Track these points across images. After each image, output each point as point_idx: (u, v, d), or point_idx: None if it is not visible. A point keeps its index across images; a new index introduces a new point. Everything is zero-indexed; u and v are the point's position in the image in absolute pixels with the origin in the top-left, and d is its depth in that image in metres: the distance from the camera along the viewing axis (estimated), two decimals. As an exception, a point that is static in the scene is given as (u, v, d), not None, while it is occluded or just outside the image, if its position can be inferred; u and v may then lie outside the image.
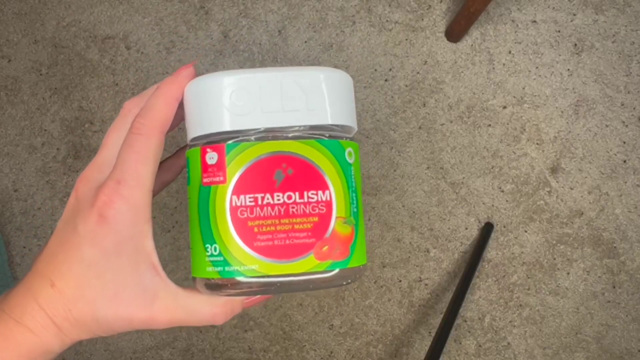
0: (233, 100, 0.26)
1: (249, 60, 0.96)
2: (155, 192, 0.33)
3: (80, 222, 0.27)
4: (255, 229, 0.26)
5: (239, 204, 0.26)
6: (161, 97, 0.28)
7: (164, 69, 0.96)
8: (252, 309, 0.97)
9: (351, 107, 0.29)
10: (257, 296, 0.29)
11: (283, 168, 0.26)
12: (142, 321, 0.27)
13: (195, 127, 0.27)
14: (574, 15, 0.95)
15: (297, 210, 0.26)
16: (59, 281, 0.26)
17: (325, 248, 0.26)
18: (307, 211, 0.26)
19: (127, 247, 0.26)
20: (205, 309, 0.28)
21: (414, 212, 0.96)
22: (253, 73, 0.26)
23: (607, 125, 0.95)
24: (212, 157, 0.26)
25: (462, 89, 0.96)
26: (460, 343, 0.97)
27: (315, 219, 0.26)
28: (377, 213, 0.96)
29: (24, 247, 0.96)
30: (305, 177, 0.26)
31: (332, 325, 0.97)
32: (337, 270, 0.27)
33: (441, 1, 0.96)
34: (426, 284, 0.97)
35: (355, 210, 0.28)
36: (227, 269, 0.26)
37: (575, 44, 0.95)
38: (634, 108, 0.95)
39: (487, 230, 0.95)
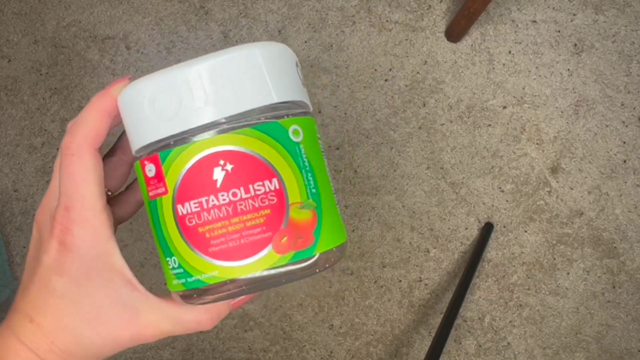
0: (154, 106, 0.25)
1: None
2: (125, 217, 0.32)
3: (44, 254, 0.26)
4: (207, 234, 0.24)
5: (184, 212, 0.24)
6: (90, 111, 0.26)
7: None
8: (252, 309, 0.97)
9: (290, 80, 0.26)
10: (239, 298, 0.28)
11: (221, 165, 0.24)
12: (129, 339, 0.27)
13: (131, 141, 0.26)
14: (574, 15, 0.95)
15: (245, 206, 0.24)
16: (37, 316, 0.26)
17: (284, 239, 0.24)
18: (257, 205, 0.24)
19: (95, 269, 0.26)
20: (190, 316, 0.27)
21: (414, 212, 0.96)
22: (168, 72, 0.25)
23: (607, 125, 0.95)
24: (150, 170, 0.25)
25: (462, 89, 0.96)
26: (460, 343, 0.97)
27: (267, 211, 0.24)
28: (377, 213, 0.96)
29: (24, 247, 0.96)
30: (247, 169, 0.24)
31: (332, 325, 0.97)
32: (303, 260, 0.25)
33: (441, 1, 0.96)
34: (426, 284, 0.97)
35: (314, 191, 0.25)
36: (189, 280, 0.25)
37: (575, 44, 0.95)
38: (634, 108, 0.95)
39: (487, 230, 0.95)
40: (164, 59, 0.97)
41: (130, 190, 0.32)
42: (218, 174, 0.24)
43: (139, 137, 0.25)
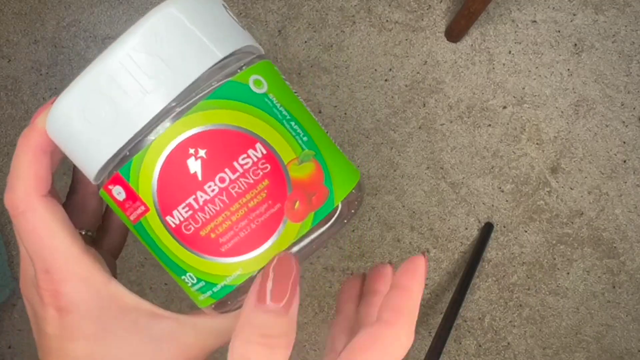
0: (88, 120, 0.21)
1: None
2: (120, 246, 0.29)
3: (46, 325, 0.23)
4: (212, 235, 0.21)
5: (177, 221, 0.21)
6: (21, 156, 0.23)
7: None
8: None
9: (226, 27, 0.22)
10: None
11: (193, 154, 0.20)
12: None
13: (83, 170, 0.23)
14: (574, 15, 0.95)
15: (239, 187, 0.21)
16: None
17: (296, 205, 0.21)
18: (251, 180, 0.21)
19: (109, 318, 0.23)
20: (231, 323, 0.25)
21: (414, 212, 0.96)
22: (86, 75, 0.21)
23: (607, 125, 0.95)
24: (119, 193, 0.21)
25: (462, 89, 0.96)
26: (460, 343, 0.97)
27: (265, 182, 0.21)
28: (377, 213, 0.96)
29: (24, 247, 0.96)
30: (223, 146, 0.21)
31: (332, 325, 0.97)
32: (326, 218, 0.22)
33: (441, 1, 0.96)
34: (426, 284, 0.97)
35: (305, 139, 0.22)
36: (215, 290, 0.22)
37: (575, 44, 0.95)
38: (634, 108, 0.95)
39: (487, 230, 0.95)
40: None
41: (110, 218, 0.29)
42: (194, 165, 0.20)
43: (88, 162, 0.22)
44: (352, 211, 0.23)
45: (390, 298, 0.22)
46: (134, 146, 0.21)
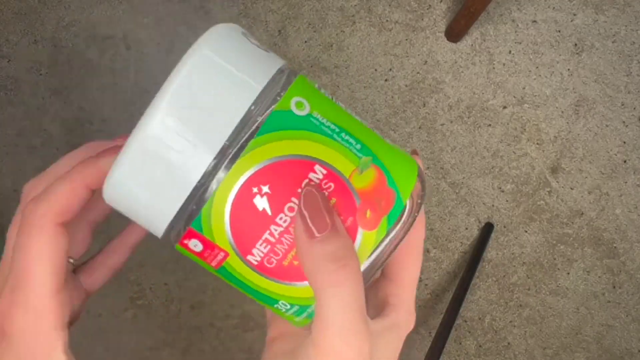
0: (149, 187, 0.21)
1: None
2: (98, 285, 0.28)
3: None
4: (295, 262, 0.22)
5: (258, 259, 0.22)
6: (67, 181, 0.23)
7: (164, 69, 0.96)
8: (253, 309, 0.97)
9: (254, 55, 0.22)
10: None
11: (257, 193, 0.21)
12: None
13: (149, 229, 0.23)
14: (574, 15, 0.95)
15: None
16: None
17: (368, 214, 0.22)
18: None
19: None
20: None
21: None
22: (134, 142, 0.21)
23: (607, 125, 0.95)
24: (196, 245, 0.22)
25: (462, 89, 0.96)
26: (460, 343, 0.97)
27: (333, 200, 0.21)
28: (377, 213, 0.96)
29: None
30: (283, 178, 0.21)
31: (332, 325, 0.97)
32: (399, 218, 0.22)
33: (441, 1, 0.96)
34: (426, 284, 0.97)
35: (359, 146, 0.22)
36: (309, 310, 0.23)
37: (576, 44, 0.95)
38: (634, 108, 0.95)
39: (487, 230, 0.95)
40: (164, 59, 0.97)
41: (103, 255, 0.28)
42: (261, 203, 0.21)
43: (154, 224, 0.22)
44: (419, 201, 0.23)
45: None
46: (198, 199, 0.21)
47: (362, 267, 0.22)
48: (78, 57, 0.97)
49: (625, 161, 0.95)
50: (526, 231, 0.96)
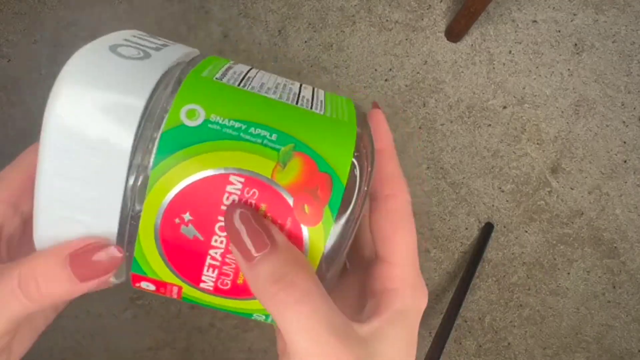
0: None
1: (249, 60, 0.96)
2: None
3: None
4: (239, 281, 0.20)
5: (211, 284, 0.20)
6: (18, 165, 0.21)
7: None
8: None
9: (124, 77, 0.18)
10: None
11: (181, 223, 0.19)
12: None
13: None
14: (575, 15, 0.95)
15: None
16: None
17: (306, 209, 0.19)
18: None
19: None
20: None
21: (414, 212, 0.96)
22: (37, 240, 0.19)
23: (607, 125, 0.95)
24: (148, 286, 0.21)
25: (462, 89, 0.96)
26: (460, 343, 0.97)
27: (263, 206, 0.19)
28: (377, 213, 0.96)
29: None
30: (201, 200, 0.18)
31: (332, 325, 0.97)
32: (343, 203, 0.19)
33: (441, 1, 0.96)
34: (426, 284, 0.97)
35: (274, 137, 0.19)
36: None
37: (576, 44, 0.95)
38: (634, 108, 0.95)
39: (487, 230, 0.95)
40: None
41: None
42: (188, 231, 0.19)
43: None
44: (370, 169, 0.20)
45: (379, 168, 0.21)
46: (127, 246, 0.19)
47: (320, 264, 0.19)
48: (78, 57, 0.97)
49: (625, 161, 0.95)
50: (526, 231, 0.96)
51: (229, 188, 0.18)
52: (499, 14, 0.96)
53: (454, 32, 0.93)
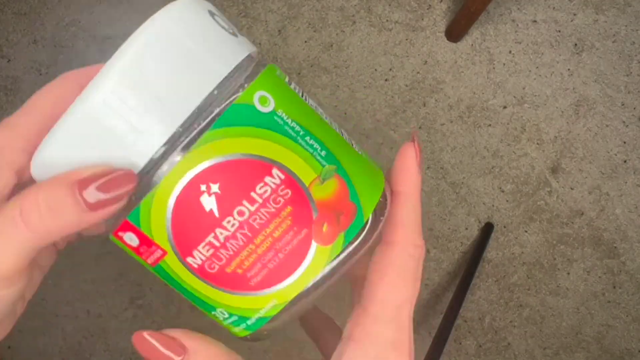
0: (83, 161, 0.19)
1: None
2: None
3: None
4: (239, 270, 0.20)
5: (199, 262, 0.20)
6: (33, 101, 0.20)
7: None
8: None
9: (222, 38, 0.19)
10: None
11: (205, 191, 0.18)
12: None
13: None
14: (575, 15, 0.95)
15: (260, 218, 0.19)
16: None
17: (324, 228, 0.19)
18: (272, 209, 0.19)
19: None
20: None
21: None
22: (67, 121, 0.18)
23: (607, 125, 0.95)
24: (131, 239, 0.20)
25: (462, 88, 0.96)
26: (461, 343, 0.97)
27: (288, 208, 0.19)
28: (377, 213, 0.96)
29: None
30: (236, 178, 0.19)
31: (332, 325, 0.97)
32: (357, 235, 0.20)
33: (441, 1, 0.96)
34: (426, 284, 0.97)
35: (323, 153, 0.20)
36: (249, 323, 0.21)
37: (576, 44, 0.95)
38: (634, 108, 0.95)
39: (487, 230, 0.95)
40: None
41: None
42: (208, 202, 0.19)
43: None
44: (381, 218, 0.21)
45: (392, 212, 0.20)
46: (139, 191, 0.19)
47: (312, 283, 0.20)
48: (78, 57, 0.97)
49: (625, 161, 0.95)
50: (526, 231, 0.96)
51: (267, 179, 0.19)
52: (499, 14, 0.96)
53: (454, 32, 0.93)
